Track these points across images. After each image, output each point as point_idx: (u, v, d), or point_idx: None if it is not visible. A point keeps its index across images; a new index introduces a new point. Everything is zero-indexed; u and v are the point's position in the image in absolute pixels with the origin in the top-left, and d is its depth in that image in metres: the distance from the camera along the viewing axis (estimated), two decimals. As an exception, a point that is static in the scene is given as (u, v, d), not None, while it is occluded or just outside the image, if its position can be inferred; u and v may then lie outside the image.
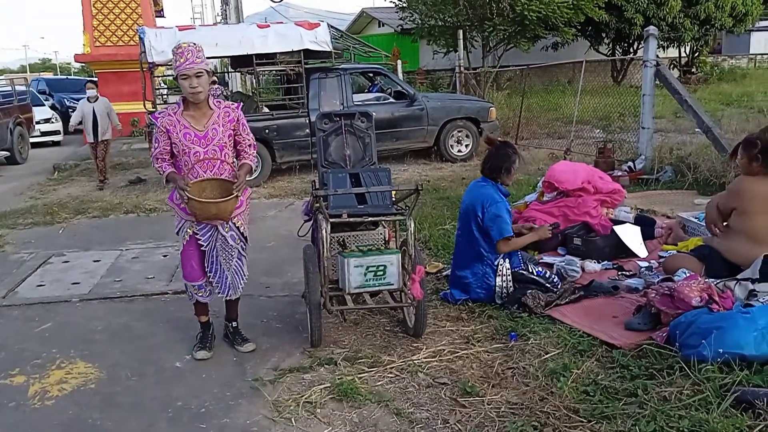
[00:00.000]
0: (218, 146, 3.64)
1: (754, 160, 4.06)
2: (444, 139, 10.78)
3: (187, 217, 3.71)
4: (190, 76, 3.47)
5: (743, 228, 4.09)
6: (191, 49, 3.49)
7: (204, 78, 3.51)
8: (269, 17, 25.34)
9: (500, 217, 4.25)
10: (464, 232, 4.45)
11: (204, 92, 3.54)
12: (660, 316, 3.68)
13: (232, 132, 3.70)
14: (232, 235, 3.77)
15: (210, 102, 3.63)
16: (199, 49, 3.53)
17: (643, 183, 7.89)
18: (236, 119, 3.70)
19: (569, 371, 3.33)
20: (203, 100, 3.58)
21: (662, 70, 8.29)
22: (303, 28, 9.57)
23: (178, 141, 3.60)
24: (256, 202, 8.48)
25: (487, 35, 20.27)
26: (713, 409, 2.83)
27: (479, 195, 4.36)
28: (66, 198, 9.32)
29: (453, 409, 3.16)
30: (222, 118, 3.65)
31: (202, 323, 4.01)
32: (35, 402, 3.46)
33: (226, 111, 3.67)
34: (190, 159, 3.62)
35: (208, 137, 3.61)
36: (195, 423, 3.20)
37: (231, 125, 3.68)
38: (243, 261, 3.90)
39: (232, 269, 3.84)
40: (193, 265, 3.80)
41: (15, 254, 6.34)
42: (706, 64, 25.37)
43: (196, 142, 3.61)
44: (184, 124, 3.59)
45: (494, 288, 4.29)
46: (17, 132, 13.72)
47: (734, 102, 16.54)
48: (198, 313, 3.99)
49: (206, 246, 3.75)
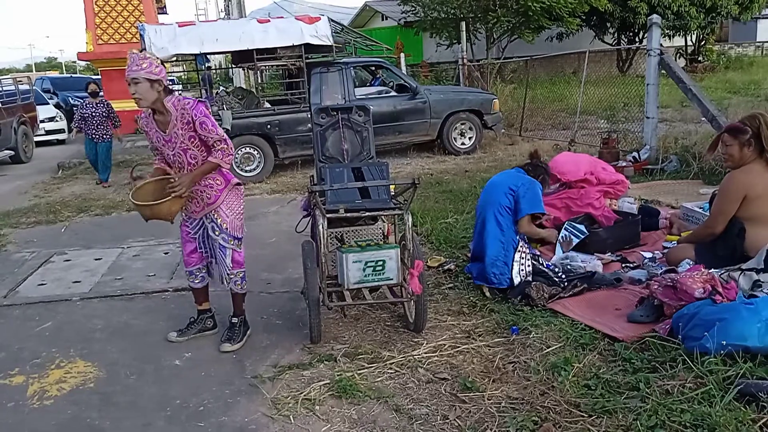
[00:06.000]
0: (181, 149, 3.70)
1: (746, 146, 3.98)
2: (447, 132, 10.72)
3: None
4: (130, 83, 3.55)
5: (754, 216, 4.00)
6: (133, 56, 3.55)
7: (142, 85, 3.52)
8: (272, 12, 25.26)
9: (536, 194, 4.34)
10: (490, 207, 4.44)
11: (144, 100, 3.56)
12: (663, 308, 3.63)
13: (192, 134, 3.66)
14: (212, 226, 3.86)
15: (167, 105, 3.62)
16: (144, 56, 3.56)
17: (648, 173, 7.82)
18: (191, 120, 3.62)
19: (571, 365, 3.29)
20: (144, 107, 3.62)
21: (666, 59, 8.19)
22: (303, 22, 9.53)
23: (154, 142, 3.77)
24: (258, 197, 8.47)
25: (491, 27, 20.12)
26: (716, 402, 2.78)
27: (516, 176, 4.46)
28: (69, 196, 9.33)
29: (453, 405, 3.13)
30: (180, 121, 3.63)
31: (200, 310, 4.15)
32: (34, 402, 3.45)
33: (182, 113, 3.62)
34: (166, 160, 3.81)
35: (172, 140, 3.69)
36: (193, 421, 3.18)
37: (188, 127, 3.64)
38: (225, 253, 3.89)
39: (218, 259, 3.96)
40: (186, 252, 4.00)
41: (17, 253, 6.35)
42: (712, 52, 25.12)
43: (165, 145, 3.73)
44: (153, 127, 3.72)
45: (511, 266, 4.26)
46: (21, 131, 13.74)
47: (741, 90, 16.37)
48: (196, 299, 4.16)
49: (194, 234, 3.94)
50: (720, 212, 4.09)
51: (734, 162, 4.07)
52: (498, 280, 4.29)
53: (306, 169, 9.88)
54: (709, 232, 4.18)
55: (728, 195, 4.04)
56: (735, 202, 3.99)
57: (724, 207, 4.06)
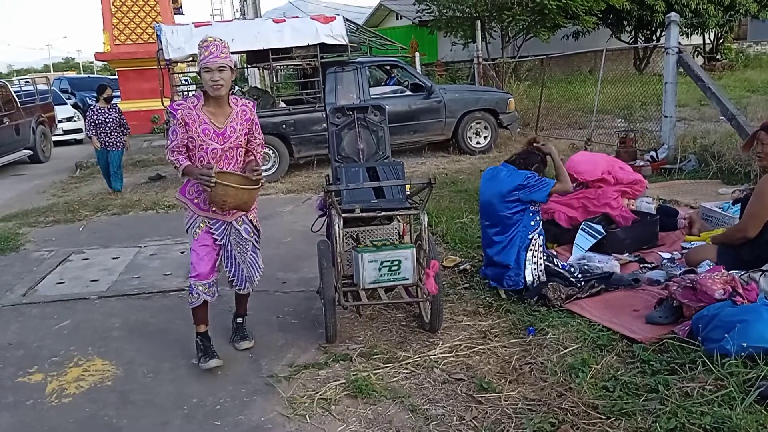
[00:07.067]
0: (234, 144, 3.61)
1: None
2: (462, 131, 10.69)
3: (201, 212, 3.65)
4: (213, 69, 3.41)
5: None
6: (216, 44, 3.44)
7: (226, 73, 3.45)
8: (288, 12, 25.35)
9: (537, 181, 4.22)
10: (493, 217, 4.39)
11: (225, 87, 3.48)
12: (682, 310, 3.59)
13: (247, 130, 3.68)
14: (245, 228, 3.74)
15: (229, 99, 3.59)
16: (225, 44, 3.48)
17: (666, 173, 7.74)
18: (251, 119, 3.66)
19: (588, 366, 3.26)
20: (224, 95, 3.52)
21: (685, 57, 8.10)
22: (319, 22, 9.52)
23: (196, 135, 3.52)
24: (273, 197, 8.50)
25: (506, 25, 20.05)
26: (737, 405, 2.74)
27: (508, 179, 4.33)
28: (87, 196, 9.41)
29: (469, 406, 3.11)
30: (240, 117, 3.61)
31: (201, 333, 3.79)
32: (52, 400, 3.48)
33: (243, 110, 3.63)
34: (206, 155, 3.55)
35: (226, 135, 3.56)
36: (210, 420, 3.19)
37: (247, 124, 3.65)
38: (258, 254, 3.86)
39: (248, 262, 3.80)
40: (204, 262, 3.68)
41: (36, 252, 6.41)
42: (731, 50, 24.85)
43: (215, 139, 3.54)
44: (204, 119, 3.53)
45: (524, 266, 4.23)
46: (39, 131, 13.90)
47: (760, 89, 16.16)
48: (197, 321, 3.79)
49: (221, 240, 3.70)
50: (755, 216, 3.94)
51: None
52: (514, 282, 4.27)
53: (321, 168, 9.89)
54: (741, 235, 4.04)
55: (764, 199, 3.90)
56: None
57: (759, 211, 3.92)
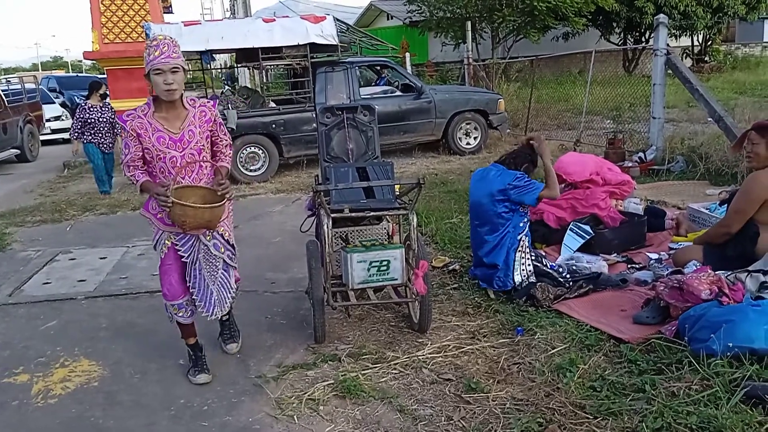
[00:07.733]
0: (196, 149, 3.32)
1: None
2: (452, 131, 10.70)
3: (166, 228, 3.37)
4: (165, 71, 3.14)
5: None
6: (167, 42, 3.17)
7: (180, 75, 3.20)
8: (278, 12, 25.30)
9: (526, 183, 4.21)
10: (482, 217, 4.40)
11: (179, 90, 3.21)
12: (669, 310, 3.61)
13: (209, 133, 3.40)
14: (215, 243, 3.43)
15: (184, 101, 3.32)
16: (176, 43, 3.22)
17: (654, 174, 7.78)
18: (213, 119, 3.39)
19: (576, 366, 3.28)
20: (178, 98, 3.25)
21: (673, 59, 8.15)
22: (309, 21, 9.51)
23: (151, 145, 3.24)
24: (263, 197, 8.48)
25: (497, 26, 20.08)
26: (722, 404, 2.76)
27: (499, 178, 4.32)
28: (74, 195, 9.34)
29: (457, 406, 3.12)
30: (198, 119, 3.33)
31: (191, 345, 3.63)
32: (38, 400, 3.45)
33: (201, 111, 3.36)
34: (166, 165, 3.28)
35: (184, 140, 3.28)
36: (197, 421, 3.18)
37: (208, 126, 3.37)
38: (230, 272, 3.54)
39: (218, 282, 3.47)
40: (172, 282, 3.44)
41: (22, 252, 6.36)
42: (719, 52, 25.03)
43: (171, 146, 3.26)
44: (157, 126, 3.24)
45: (513, 267, 4.24)
46: (27, 130, 13.80)
47: (748, 91, 16.30)
48: (185, 335, 3.62)
49: (187, 257, 3.40)
50: (738, 211, 4.00)
51: (759, 161, 3.98)
52: (503, 282, 4.28)
53: (311, 168, 9.88)
54: (724, 231, 4.09)
55: (749, 195, 3.95)
56: (756, 203, 3.91)
57: (744, 207, 3.97)
